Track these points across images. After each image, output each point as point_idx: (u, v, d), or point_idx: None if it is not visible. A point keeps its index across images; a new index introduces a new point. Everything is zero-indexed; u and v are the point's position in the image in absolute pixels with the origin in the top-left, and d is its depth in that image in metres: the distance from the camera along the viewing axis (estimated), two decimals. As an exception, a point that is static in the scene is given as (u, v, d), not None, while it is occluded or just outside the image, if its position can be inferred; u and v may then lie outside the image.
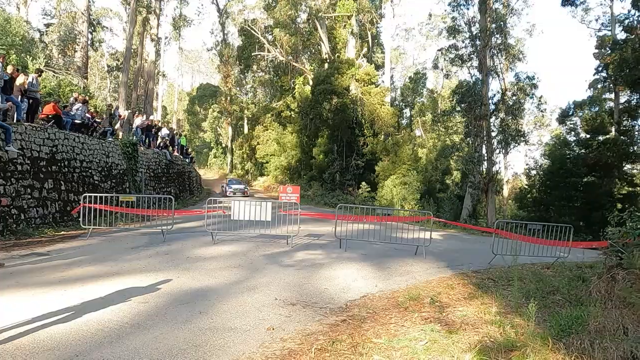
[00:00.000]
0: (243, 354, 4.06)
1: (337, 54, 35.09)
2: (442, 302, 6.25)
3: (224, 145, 60.94)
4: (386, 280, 7.28)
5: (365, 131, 32.46)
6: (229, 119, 54.90)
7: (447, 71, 29.59)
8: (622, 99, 30.07)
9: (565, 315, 5.44)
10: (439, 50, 29.74)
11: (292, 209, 10.69)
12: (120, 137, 18.28)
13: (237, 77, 55.14)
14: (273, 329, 4.71)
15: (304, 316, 5.23)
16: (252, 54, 40.91)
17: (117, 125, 18.61)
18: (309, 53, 44.28)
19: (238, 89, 57.34)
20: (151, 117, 24.06)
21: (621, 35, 28.11)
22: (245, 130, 52.37)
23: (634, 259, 6.39)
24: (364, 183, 29.31)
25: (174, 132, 28.50)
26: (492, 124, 26.77)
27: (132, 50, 35.31)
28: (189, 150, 36.27)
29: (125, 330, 4.52)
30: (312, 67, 40.55)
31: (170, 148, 24.01)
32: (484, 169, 25.76)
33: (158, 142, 22.40)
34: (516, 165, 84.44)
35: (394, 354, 4.24)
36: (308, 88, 35.78)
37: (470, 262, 9.48)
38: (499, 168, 35.47)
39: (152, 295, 5.76)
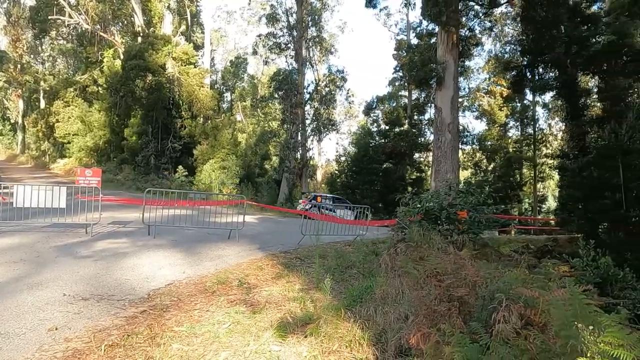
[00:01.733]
0: (13, 361, 3.50)
1: (152, 29, 32.69)
2: (250, 283, 6.35)
3: (12, 121, 51.92)
4: (195, 266, 7.10)
5: (183, 113, 31.09)
6: (20, 90, 46.87)
7: (266, 58, 30.13)
8: (414, 96, 34.79)
9: (358, 287, 6.05)
10: (258, 36, 30.07)
11: (93, 194, 9.61)
12: None
13: (30, 43, 47.20)
14: (56, 329, 4.16)
15: (97, 311, 4.74)
16: (50, 18, 35.32)
17: None
18: (120, 24, 40.21)
19: (32, 56, 49.22)
20: None
21: (414, 40, 32.43)
22: (42, 105, 45.27)
23: (412, 234, 7.42)
24: (181, 167, 28.11)
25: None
26: (306, 112, 28.27)
27: None
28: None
29: None
30: (124, 40, 36.95)
31: None
32: (299, 155, 27.10)
33: None
34: (329, 152, 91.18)
35: (194, 340, 4.14)
36: (119, 62, 32.57)
37: (282, 244, 9.87)
38: (313, 154, 37.79)
39: None
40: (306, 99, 27.88)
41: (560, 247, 13.72)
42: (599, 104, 17.42)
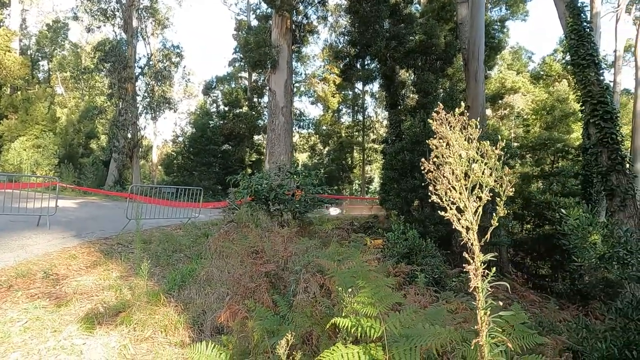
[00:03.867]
0: None
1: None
2: (59, 274, 5.76)
3: None
4: (-10, 259, 6.15)
5: (-16, 81, 26.42)
6: None
7: (90, 25, 26.97)
8: (253, 78, 34.92)
9: (182, 270, 5.92)
10: (79, -2, 26.74)
11: None
12: None
13: None
14: None
15: None
16: None
17: None
18: None
19: None
20: None
21: (255, 22, 32.36)
22: None
23: (240, 215, 7.53)
24: (-19, 145, 23.96)
25: None
26: (138, 88, 26.30)
27: None
28: None
29: None
30: None
31: None
32: (130, 134, 25.16)
33: None
34: (166, 133, 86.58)
35: (-24, 343, 3.61)
36: None
37: (103, 229, 9.15)
38: (147, 134, 35.52)
39: None
40: (137, 74, 25.86)
41: (380, 223, 15.34)
42: (414, 96, 19.63)
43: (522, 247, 15.31)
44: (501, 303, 1.87)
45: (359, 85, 34.57)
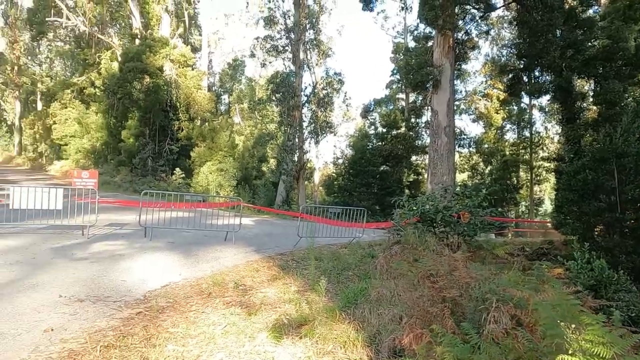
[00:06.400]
0: (9, 362, 3.53)
1: (150, 31, 32.72)
2: (246, 285, 6.38)
3: (9, 122, 51.88)
4: (192, 268, 7.12)
5: (181, 115, 31.09)
6: (17, 92, 46.86)
7: (263, 60, 30.19)
8: (411, 99, 34.93)
9: (353, 289, 6.08)
10: (255, 39, 30.11)
11: (90, 196, 9.63)
12: None
13: (27, 45, 47.29)
14: (52, 330, 4.18)
15: (93, 313, 4.77)
16: (48, 19, 35.34)
17: None
18: (117, 26, 40.34)
19: (29, 58, 49.27)
20: None
21: (412, 43, 32.57)
22: (39, 107, 45.25)
23: (408, 236, 7.47)
24: (178, 169, 28.10)
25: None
26: (304, 115, 28.35)
27: None
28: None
29: None
30: (121, 42, 37.01)
31: None
32: (297, 158, 27.15)
33: None
34: (326, 155, 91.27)
35: (189, 341, 4.17)
36: (116, 65, 32.60)
37: (278, 246, 9.90)
38: (311, 157, 37.82)
39: None
40: (303, 102, 27.96)
41: (556, 249, 13.78)
42: (594, 108, 17.53)
43: None
44: None
45: (526, 99, 32.12)
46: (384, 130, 33.81)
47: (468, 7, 17.84)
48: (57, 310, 4.76)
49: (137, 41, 32.65)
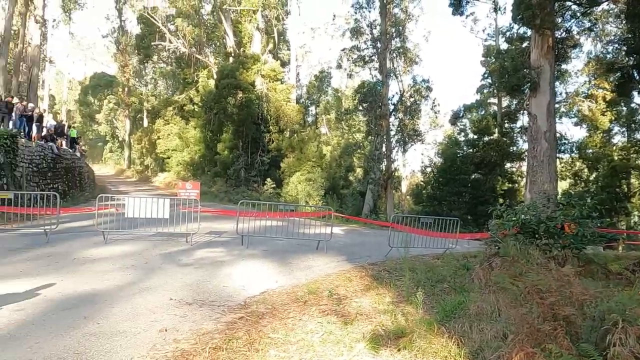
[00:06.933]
0: (131, 358, 3.85)
1: (243, 49, 34.56)
2: (340, 294, 6.42)
3: (120, 139, 57.29)
4: (287, 276, 7.32)
5: (271, 127, 32.36)
6: (127, 111, 51.75)
7: (350, 71, 30.56)
8: (504, 104, 33.23)
9: (450, 302, 5.86)
10: (342, 50, 30.57)
11: (192, 205, 10.31)
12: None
13: (135, 68, 52.10)
14: (166, 330, 4.51)
15: (200, 315, 5.08)
16: (153, 44, 38.75)
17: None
18: (213, 46, 43.04)
19: (137, 79, 54.23)
20: (31, 105, 21.52)
21: (504, 45, 31.06)
22: (145, 124, 49.56)
23: (507, 248, 7.07)
24: (269, 179, 29.22)
25: (63, 124, 26.05)
26: (391, 124, 28.13)
27: (13, 32, 31.71)
28: (81, 143, 33.53)
29: (-9, 343, 4.05)
30: (216, 61, 39.48)
31: (60, 141, 21.96)
32: (384, 167, 26.98)
33: (43, 133, 20.36)
34: (414, 163, 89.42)
35: (290, 347, 4.28)
36: (212, 82, 34.81)
37: (368, 255, 9.85)
38: (398, 165, 37.35)
39: (30, 302, 5.22)
40: (390, 110, 27.79)
41: (680, 265, 12.30)
42: None
43: None
44: None
45: (637, 99, 29.17)
46: (475, 136, 32.51)
47: (569, 3, 16.66)
48: (169, 312, 5.13)
49: (231, 59, 34.62)
